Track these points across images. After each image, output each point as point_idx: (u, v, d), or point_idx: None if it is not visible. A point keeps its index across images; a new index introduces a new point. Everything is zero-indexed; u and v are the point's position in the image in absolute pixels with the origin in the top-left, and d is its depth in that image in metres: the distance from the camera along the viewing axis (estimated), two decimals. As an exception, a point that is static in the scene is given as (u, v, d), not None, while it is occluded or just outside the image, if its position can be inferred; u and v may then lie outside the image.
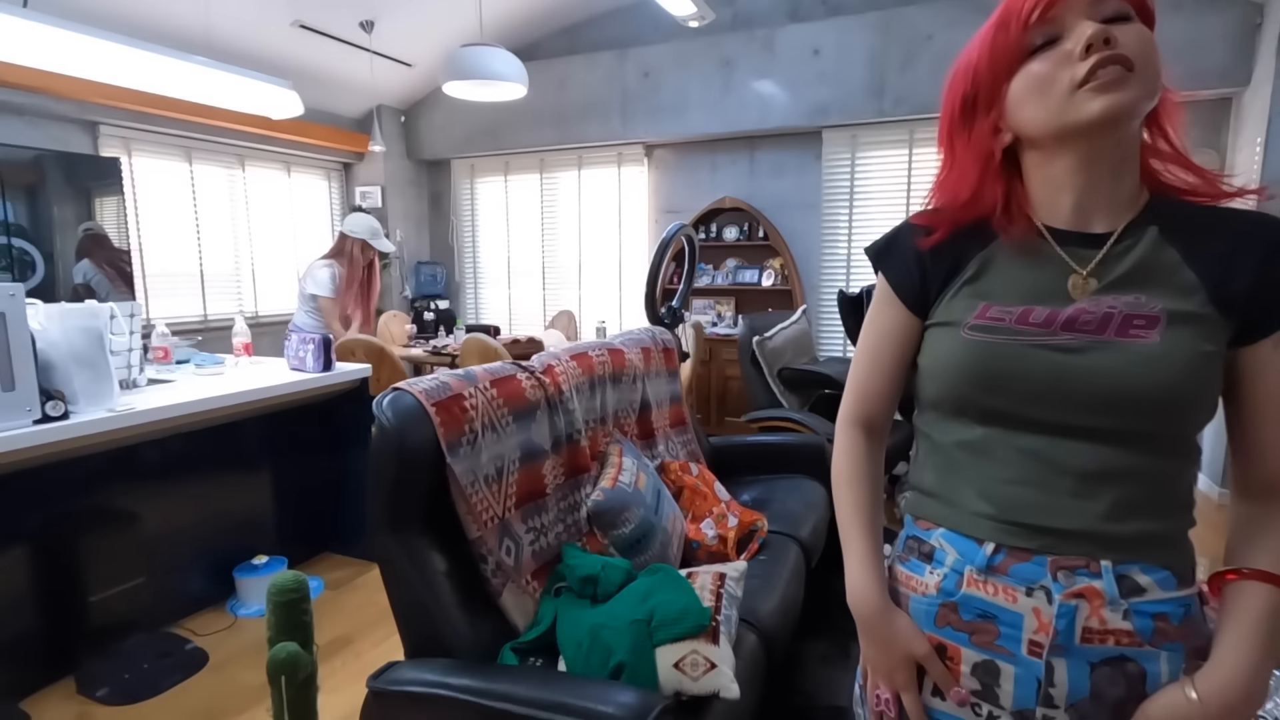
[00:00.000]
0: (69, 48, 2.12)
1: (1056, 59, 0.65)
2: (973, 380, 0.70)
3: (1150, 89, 0.64)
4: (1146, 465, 0.65)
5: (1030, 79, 0.67)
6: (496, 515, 1.41)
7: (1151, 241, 0.67)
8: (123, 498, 2.07)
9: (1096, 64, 0.62)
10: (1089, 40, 0.62)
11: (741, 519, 1.98)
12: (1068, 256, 0.69)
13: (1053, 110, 0.65)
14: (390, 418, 1.23)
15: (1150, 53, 0.63)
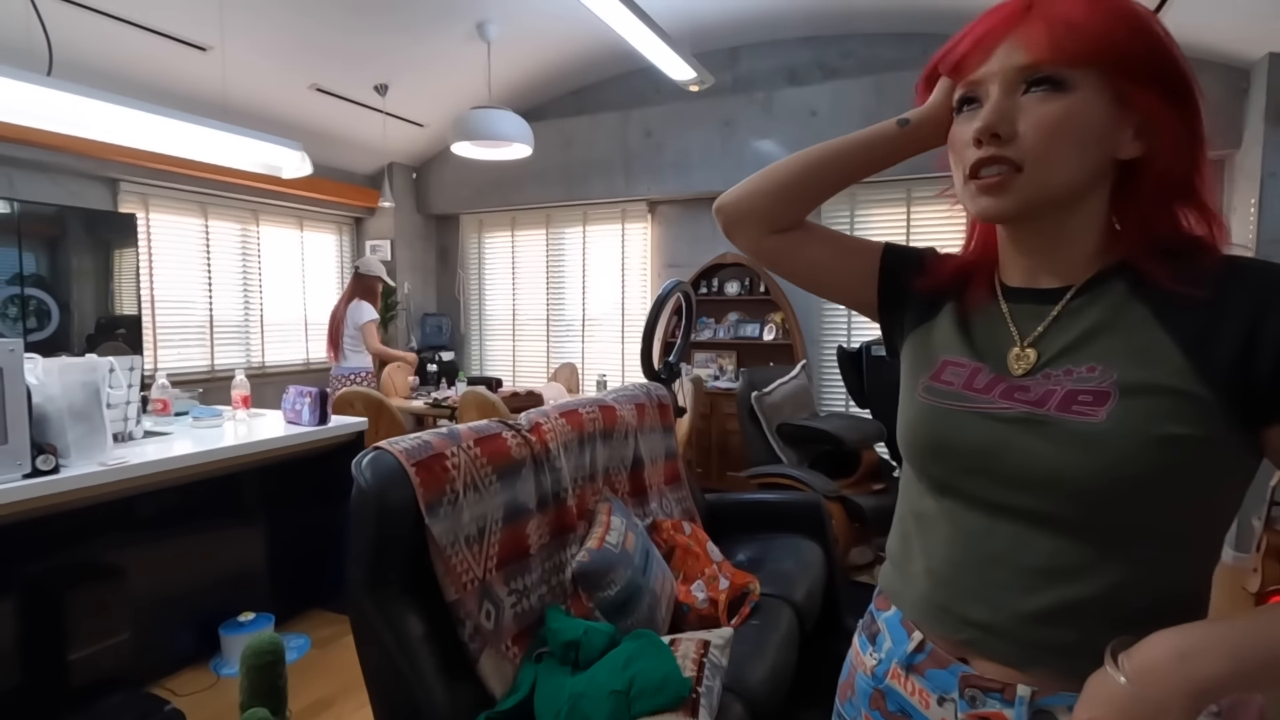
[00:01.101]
0: (88, 112, 2.22)
1: (964, 133, 0.61)
2: (919, 447, 0.66)
3: (1045, 186, 0.57)
4: (1106, 565, 0.54)
5: (951, 144, 0.64)
6: (477, 577, 1.40)
7: (1116, 298, 0.58)
8: (111, 551, 2.06)
9: (976, 163, 0.59)
10: (974, 136, 0.58)
11: (733, 581, 1.94)
12: (1014, 319, 0.65)
13: (959, 189, 0.63)
14: (369, 478, 1.23)
15: (1060, 137, 0.55)
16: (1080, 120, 0.56)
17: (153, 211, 4.21)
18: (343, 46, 3.91)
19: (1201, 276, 0.55)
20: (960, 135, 0.62)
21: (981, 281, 0.69)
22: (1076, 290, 0.61)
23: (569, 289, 5.36)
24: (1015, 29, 0.57)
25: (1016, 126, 0.56)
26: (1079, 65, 0.55)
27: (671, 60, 3.53)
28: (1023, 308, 0.65)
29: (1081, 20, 0.55)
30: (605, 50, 4.25)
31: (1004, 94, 0.57)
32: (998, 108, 0.57)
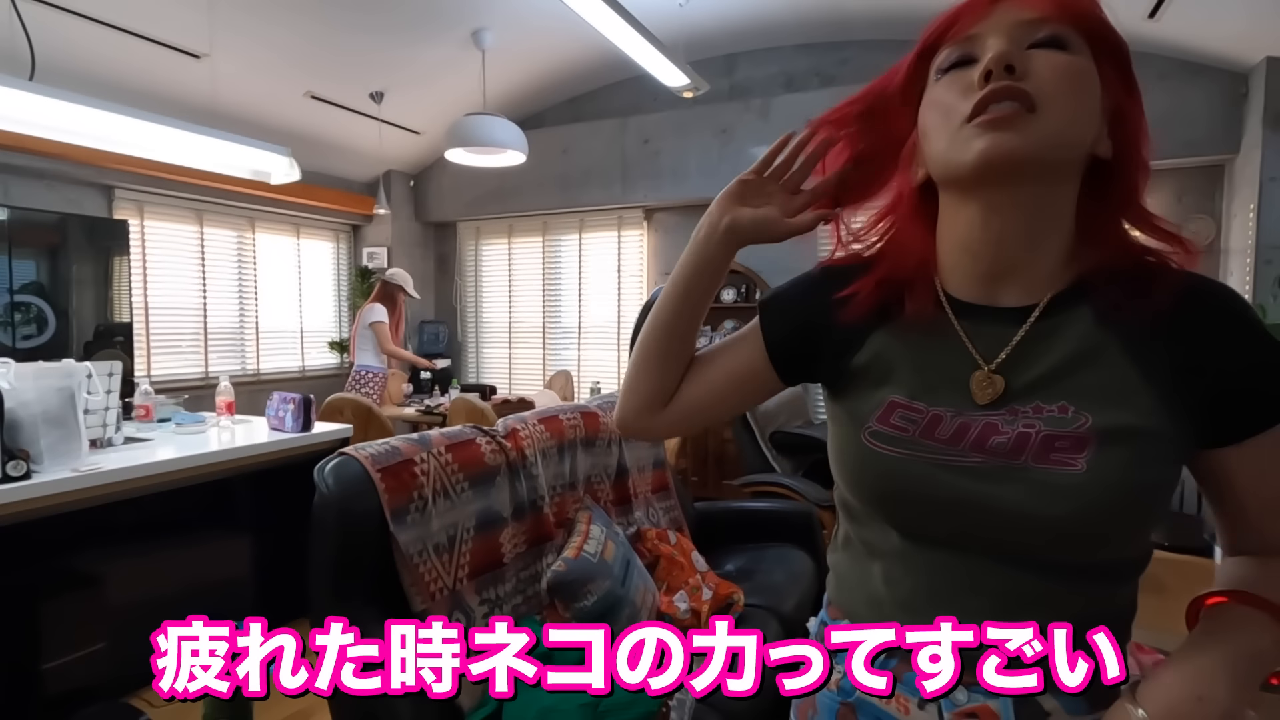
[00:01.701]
0: (76, 117, 2.21)
1: (961, 85, 0.54)
2: (874, 497, 0.62)
3: (1057, 133, 0.51)
4: (1075, 588, 0.56)
5: (931, 105, 0.57)
6: (447, 586, 1.36)
7: (1083, 327, 0.55)
8: (88, 559, 2.04)
9: (987, 95, 0.51)
10: (987, 66, 0.51)
11: (717, 591, 1.90)
12: (970, 340, 0.58)
13: (945, 145, 0.55)
14: (331, 485, 1.20)
15: (1072, 89, 0.51)
16: (1089, 79, 0.53)
17: (148, 218, 4.21)
18: (338, 54, 3.91)
19: (1164, 303, 0.54)
20: (952, 88, 0.55)
21: (920, 295, 0.61)
22: (1042, 312, 0.57)
23: (565, 296, 5.34)
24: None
25: (1027, 67, 0.51)
26: (1080, 27, 0.53)
27: (665, 67, 3.52)
28: (979, 326, 0.58)
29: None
30: (601, 58, 4.25)
31: (1010, 42, 0.52)
32: (1007, 48, 0.52)
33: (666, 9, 3.72)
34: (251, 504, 2.54)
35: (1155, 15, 3.02)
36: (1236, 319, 0.54)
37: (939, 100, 0.56)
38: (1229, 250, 3.43)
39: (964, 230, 0.58)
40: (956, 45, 0.55)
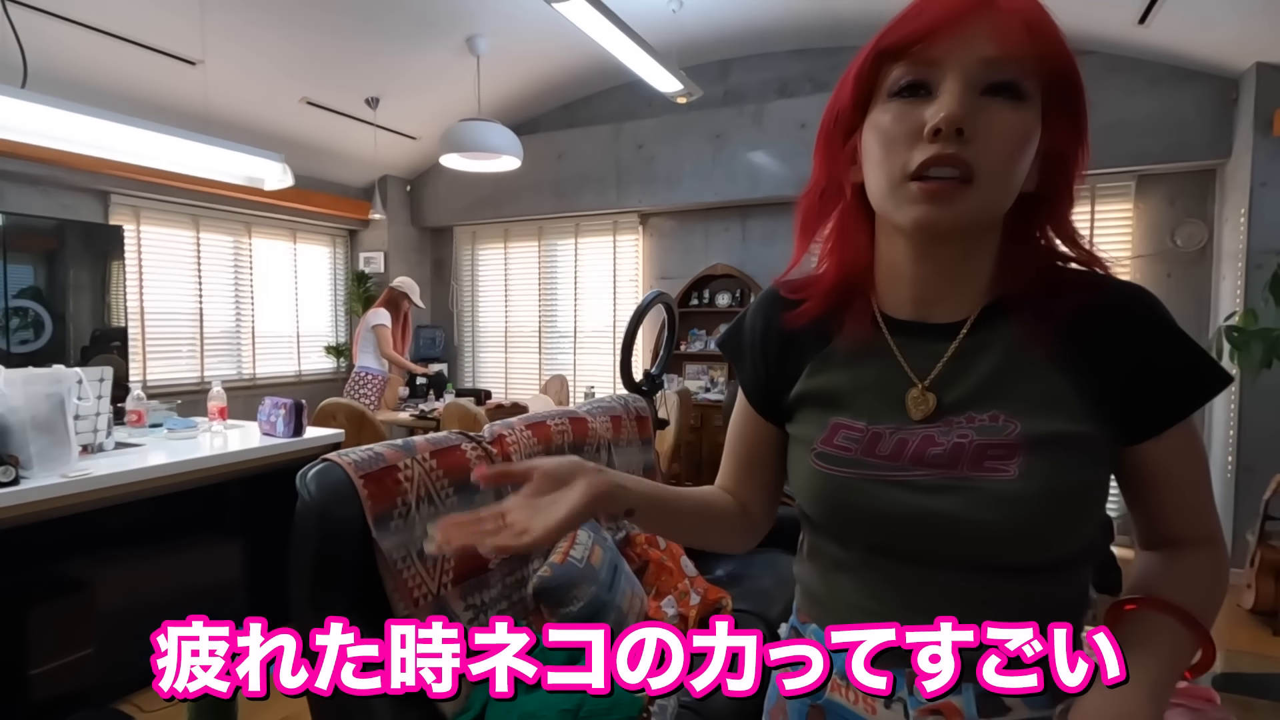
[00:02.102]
0: (68, 124, 2.22)
1: (909, 125, 0.53)
2: (824, 516, 0.64)
3: (990, 204, 0.53)
4: (1026, 587, 0.58)
5: (877, 132, 0.55)
6: (431, 592, 1.37)
7: (1010, 339, 0.57)
8: (77, 565, 2.04)
9: (931, 160, 0.51)
10: (938, 124, 0.50)
11: (705, 596, 1.90)
12: (904, 358, 0.60)
13: (884, 188, 0.55)
14: (313, 491, 1.21)
15: (1014, 154, 0.52)
16: (1031, 139, 0.53)
17: (144, 224, 4.23)
18: (333, 60, 3.93)
19: (1079, 308, 0.56)
20: (900, 124, 0.53)
21: (858, 315, 0.63)
22: (971, 326, 0.59)
23: (561, 301, 5.35)
24: (981, 15, 0.51)
25: (977, 126, 0.51)
26: (1039, 75, 0.52)
27: (658, 73, 3.54)
28: (913, 344, 0.61)
29: (1048, 27, 0.52)
30: (596, 64, 4.27)
31: (966, 87, 0.51)
32: (964, 101, 0.50)
33: (660, 15, 3.74)
34: (243, 509, 2.54)
35: (1145, 21, 3.03)
36: (1143, 315, 0.56)
37: (885, 131, 0.55)
38: (1221, 255, 3.43)
39: (896, 257, 0.60)
40: (913, 66, 0.53)
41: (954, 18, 0.51)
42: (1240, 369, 2.78)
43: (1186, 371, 0.56)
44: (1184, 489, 0.59)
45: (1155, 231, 3.63)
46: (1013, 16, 0.51)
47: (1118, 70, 3.41)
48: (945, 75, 0.52)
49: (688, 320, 4.73)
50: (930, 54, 0.52)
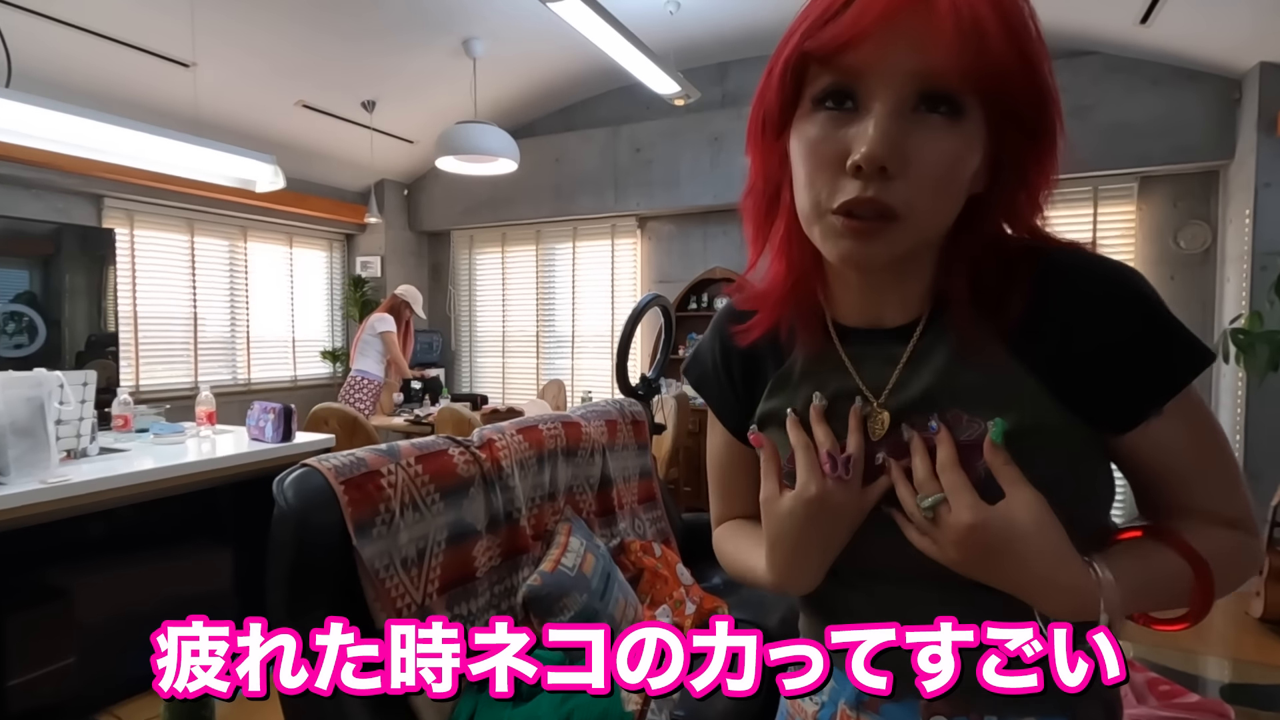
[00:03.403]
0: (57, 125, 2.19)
1: (832, 145, 0.47)
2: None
3: (919, 236, 0.48)
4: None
5: (801, 149, 0.50)
6: (415, 601, 1.32)
7: (965, 331, 0.53)
8: (57, 572, 2.00)
9: (852, 203, 0.46)
10: (857, 162, 0.45)
11: (701, 605, 1.86)
12: (857, 371, 0.57)
13: (807, 214, 0.50)
14: (290, 498, 1.17)
15: (946, 181, 0.47)
16: (968, 160, 0.47)
17: (138, 228, 4.20)
18: (329, 63, 3.90)
19: (1038, 287, 0.51)
20: (824, 146, 0.48)
21: (811, 325, 0.59)
22: (923, 328, 0.55)
23: (559, 305, 5.32)
24: (913, 18, 0.44)
25: (905, 158, 0.45)
26: (983, 85, 0.45)
27: (656, 75, 3.51)
28: (867, 352, 0.57)
29: (993, 30, 0.43)
30: (593, 67, 4.24)
31: (894, 111, 0.45)
32: (889, 133, 0.44)
33: (657, 17, 3.71)
34: (232, 515, 2.50)
35: (1147, 21, 3.00)
36: (1114, 291, 0.50)
37: (808, 153, 0.49)
38: (1225, 257, 3.39)
39: (837, 268, 0.56)
40: (839, 74, 0.47)
41: (882, 19, 0.44)
42: (1246, 372, 2.73)
43: (1155, 351, 0.50)
44: (1190, 479, 0.53)
45: (1158, 233, 3.59)
46: (947, 18, 0.43)
47: (1119, 71, 3.38)
48: (873, 91, 0.46)
49: (686, 324, 4.69)
50: (856, 62, 0.46)
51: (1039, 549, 0.48)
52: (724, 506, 0.73)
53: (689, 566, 2.15)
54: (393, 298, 4.34)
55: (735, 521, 0.71)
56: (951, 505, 0.49)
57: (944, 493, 0.50)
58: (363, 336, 4.21)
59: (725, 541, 0.71)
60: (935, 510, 0.50)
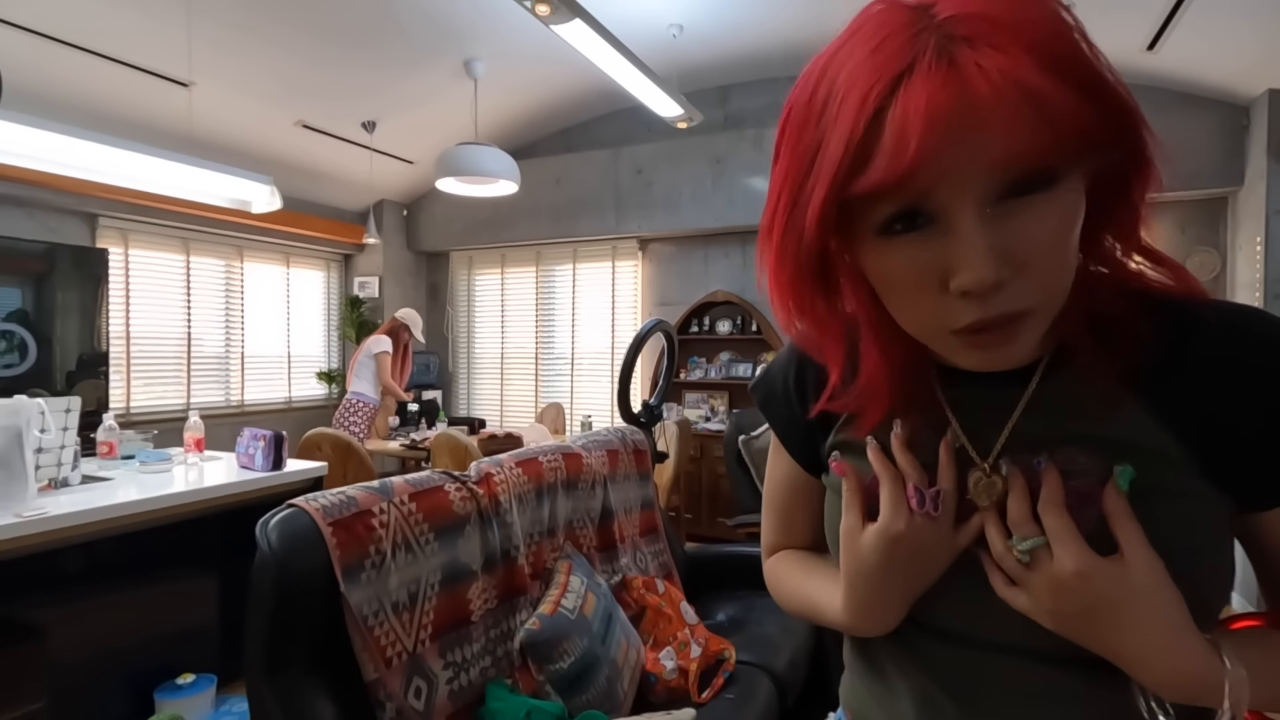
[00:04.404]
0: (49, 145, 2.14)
1: (923, 270, 0.41)
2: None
3: (1053, 308, 0.42)
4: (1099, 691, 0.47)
5: (883, 280, 0.44)
6: (406, 649, 1.24)
7: (1093, 378, 0.46)
8: (30, 609, 1.90)
9: (974, 325, 0.40)
10: (967, 288, 0.39)
11: (706, 648, 1.77)
12: (962, 421, 0.50)
13: (919, 332, 0.45)
14: (274, 542, 1.09)
15: (1062, 250, 0.40)
16: (1076, 219, 0.41)
17: (133, 247, 4.14)
18: (329, 83, 3.88)
19: (1190, 341, 0.45)
20: (913, 272, 0.41)
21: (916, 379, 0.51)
22: (1044, 370, 0.48)
23: (558, 328, 5.26)
24: (957, 120, 0.36)
25: (1014, 258, 0.39)
26: (1061, 152, 0.37)
27: (658, 97, 3.49)
28: (976, 396, 0.50)
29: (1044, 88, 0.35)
30: (595, 88, 4.23)
31: (981, 218, 0.38)
32: (988, 246, 0.38)
33: (660, 40, 3.70)
34: (219, 547, 2.41)
35: (1154, 48, 2.98)
36: (1268, 351, 0.44)
37: (897, 284, 0.43)
38: (1235, 284, 3.35)
39: None
40: (894, 201, 0.39)
41: (926, 138, 0.36)
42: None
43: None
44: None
45: (1166, 260, 3.55)
46: (993, 104, 0.35)
47: (1125, 97, 3.36)
48: (947, 207, 0.39)
49: (688, 348, 4.63)
50: (915, 190, 0.39)
51: (1155, 613, 0.42)
52: (780, 536, 0.68)
53: (692, 601, 2.06)
54: (392, 320, 4.27)
55: (793, 552, 0.67)
56: (1054, 550, 0.43)
57: (1045, 537, 0.44)
58: (359, 359, 4.14)
59: (783, 575, 0.66)
60: (1033, 555, 0.44)
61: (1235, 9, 2.64)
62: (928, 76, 0.36)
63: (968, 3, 0.37)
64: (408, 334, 4.24)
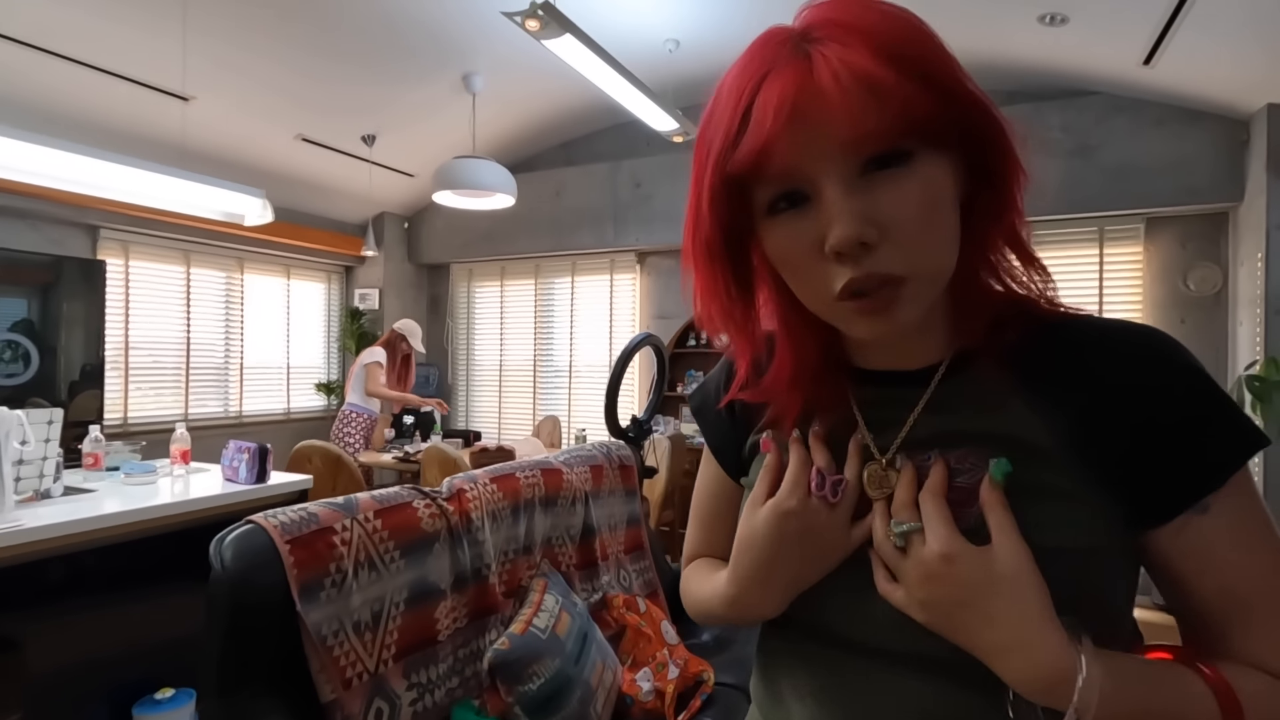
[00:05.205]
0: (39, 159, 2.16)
1: (804, 240, 0.44)
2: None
3: (934, 277, 0.45)
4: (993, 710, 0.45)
5: (775, 256, 0.48)
6: (367, 670, 1.22)
7: (990, 384, 0.49)
8: (8, 621, 1.90)
9: (848, 285, 0.43)
10: (835, 248, 0.42)
11: (685, 669, 1.74)
12: (866, 416, 0.53)
13: (814, 305, 0.48)
14: (228, 560, 1.08)
15: (930, 224, 0.43)
16: (938, 192, 0.44)
17: (133, 259, 4.18)
18: (329, 97, 3.91)
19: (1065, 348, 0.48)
20: (796, 245, 0.45)
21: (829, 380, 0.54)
22: (945, 371, 0.51)
23: (557, 340, 5.26)
24: (805, 104, 0.41)
25: (877, 222, 0.42)
26: (906, 131, 0.42)
27: (654, 113, 3.50)
28: (881, 395, 0.53)
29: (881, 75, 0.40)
30: (593, 103, 4.25)
31: (846, 188, 0.42)
32: (851, 209, 0.42)
33: (657, 55, 3.72)
34: (200, 561, 2.39)
35: (1150, 62, 2.96)
36: (1164, 364, 0.45)
37: (784, 259, 0.47)
38: (1237, 300, 3.30)
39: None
40: (773, 182, 0.45)
41: (779, 118, 0.42)
42: (1263, 422, 2.62)
43: (1203, 431, 0.44)
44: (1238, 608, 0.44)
45: (1166, 274, 3.51)
46: (832, 89, 0.40)
47: (1123, 111, 3.34)
48: (815, 180, 0.43)
49: (684, 361, 4.61)
50: (782, 166, 0.43)
51: (1016, 603, 0.42)
52: (700, 543, 0.69)
53: (677, 620, 2.03)
54: (390, 332, 4.29)
55: (710, 560, 0.67)
56: (926, 534, 0.45)
57: (920, 523, 0.45)
58: (354, 370, 4.16)
59: (692, 578, 0.67)
60: (907, 541, 0.46)
61: (1234, 24, 2.62)
62: (781, 72, 0.42)
63: (823, 12, 0.43)
64: (406, 345, 4.24)
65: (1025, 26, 2.99)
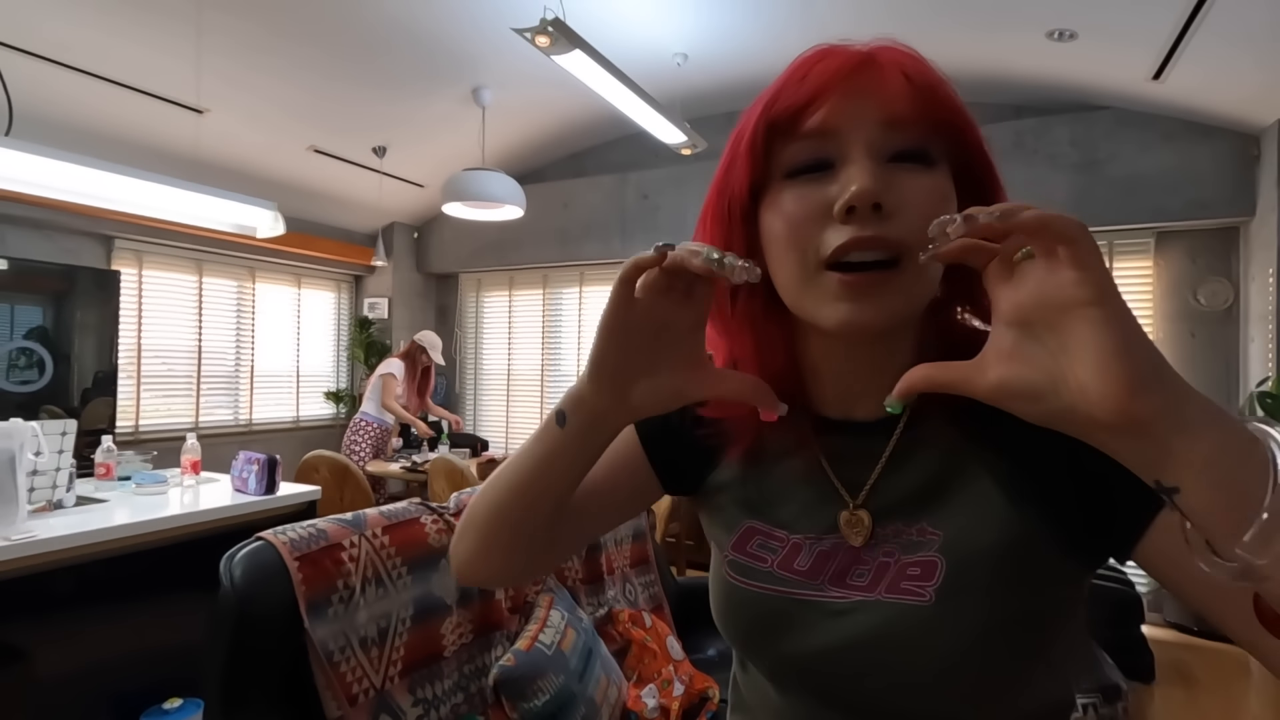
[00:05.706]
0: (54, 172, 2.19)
1: (815, 204, 0.44)
2: (735, 637, 0.55)
3: (919, 294, 0.45)
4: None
5: (779, 216, 0.46)
6: (373, 686, 1.23)
7: (945, 438, 0.48)
8: (17, 631, 1.91)
9: (851, 243, 0.42)
10: (849, 201, 0.42)
11: (690, 686, 1.74)
12: (833, 466, 0.51)
13: (794, 279, 0.46)
14: (237, 577, 1.09)
15: (928, 217, 0.40)
16: (949, 198, 0.45)
17: (147, 268, 4.22)
18: (340, 109, 3.96)
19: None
20: (805, 204, 0.45)
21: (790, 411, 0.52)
22: (905, 423, 0.50)
23: (564, 350, 5.27)
24: (866, 77, 0.45)
25: (896, 195, 0.43)
26: (940, 136, 0.45)
27: (662, 125, 3.51)
28: (843, 445, 0.52)
29: (938, 85, 0.46)
30: (601, 115, 4.27)
31: (872, 157, 0.44)
32: (873, 170, 0.43)
33: (665, 68, 3.74)
34: (209, 571, 2.41)
35: (1160, 77, 2.96)
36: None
37: (789, 215, 0.46)
38: (1249, 315, 3.28)
39: (816, 355, 0.52)
40: (807, 141, 0.45)
41: (838, 79, 0.45)
42: (1275, 438, 2.59)
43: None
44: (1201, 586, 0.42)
45: (1176, 289, 3.49)
46: (897, 73, 0.45)
47: (1132, 126, 3.33)
48: (846, 147, 0.44)
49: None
50: (824, 124, 0.45)
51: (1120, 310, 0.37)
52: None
53: (683, 635, 2.03)
54: (410, 343, 4.33)
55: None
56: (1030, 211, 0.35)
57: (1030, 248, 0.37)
58: (372, 380, 4.19)
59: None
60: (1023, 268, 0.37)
61: (1243, 39, 2.61)
62: (845, 53, 0.46)
63: (880, 42, 0.48)
64: (426, 357, 4.28)
65: (1034, 43, 3.00)
